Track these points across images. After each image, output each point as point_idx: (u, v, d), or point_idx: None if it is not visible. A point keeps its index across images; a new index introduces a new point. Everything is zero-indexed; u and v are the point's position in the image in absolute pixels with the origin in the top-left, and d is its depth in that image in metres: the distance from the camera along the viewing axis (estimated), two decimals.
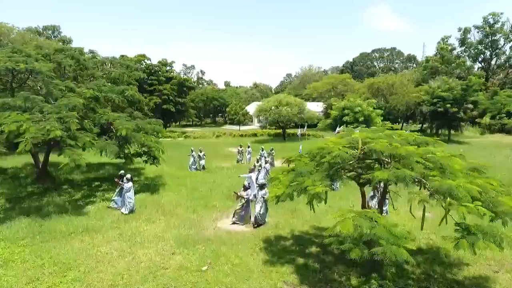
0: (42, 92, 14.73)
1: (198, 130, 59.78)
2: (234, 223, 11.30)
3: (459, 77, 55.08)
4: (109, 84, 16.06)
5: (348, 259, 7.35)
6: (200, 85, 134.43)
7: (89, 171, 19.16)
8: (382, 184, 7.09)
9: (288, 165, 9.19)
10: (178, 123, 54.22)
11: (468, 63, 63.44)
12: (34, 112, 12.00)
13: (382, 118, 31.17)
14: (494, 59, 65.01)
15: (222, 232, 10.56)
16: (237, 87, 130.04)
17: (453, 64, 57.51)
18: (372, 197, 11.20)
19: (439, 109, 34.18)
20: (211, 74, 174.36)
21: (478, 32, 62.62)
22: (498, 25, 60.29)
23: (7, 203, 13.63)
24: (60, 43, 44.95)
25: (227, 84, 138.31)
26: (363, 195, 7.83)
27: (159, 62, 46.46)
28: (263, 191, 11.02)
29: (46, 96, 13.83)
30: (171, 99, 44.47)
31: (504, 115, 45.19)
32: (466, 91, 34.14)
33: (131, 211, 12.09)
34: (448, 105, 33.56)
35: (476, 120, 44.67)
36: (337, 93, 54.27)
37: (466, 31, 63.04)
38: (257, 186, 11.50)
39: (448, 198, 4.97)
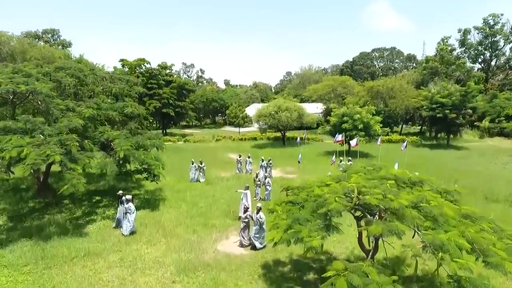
0: (42, 106, 14.82)
1: (198, 132, 59.89)
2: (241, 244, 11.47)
3: (459, 79, 55.10)
4: (109, 100, 16.16)
5: None
6: (200, 84, 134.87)
7: (89, 182, 19.31)
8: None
9: (287, 194, 9.30)
10: (177, 124, 54.22)
11: (468, 64, 63.39)
12: (34, 135, 12.13)
13: (381, 125, 31.21)
14: (494, 60, 64.97)
15: (222, 256, 10.72)
16: (237, 86, 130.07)
17: (452, 66, 57.45)
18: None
19: (438, 115, 34.27)
20: (210, 72, 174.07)
21: (478, 33, 62.46)
22: (498, 26, 60.14)
23: (9, 221, 13.80)
24: (60, 47, 44.95)
25: (226, 82, 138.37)
26: (360, 233, 7.97)
27: (159, 65, 46.38)
28: (259, 215, 11.15)
29: (46, 114, 13.94)
30: (170, 103, 44.47)
31: (503, 118, 45.23)
32: (465, 97, 34.21)
33: (132, 233, 12.25)
34: (447, 111, 33.65)
35: (475, 123, 44.77)
36: (337, 95, 54.34)
37: (466, 32, 62.90)
38: (255, 212, 11.57)
39: (440, 253, 5.12)
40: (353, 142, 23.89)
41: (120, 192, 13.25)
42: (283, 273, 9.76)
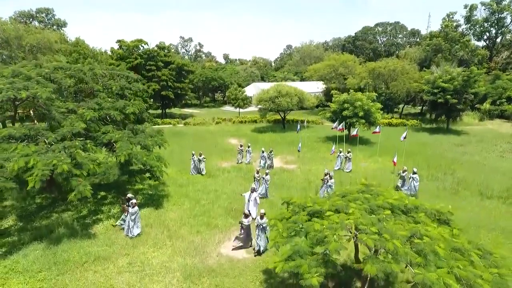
0: (44, 108, 14.81)
1: (198, 111, 59.79)
2: (236, 248, 11.99)
3: (462, 60, 54.19)
4: (109, 99, 16.15)
5: None
6: (199, 58, 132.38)
7: (93, 174, 19.65)
8: None
9: (287, 209, 9.64)
10: (177, 105, 53.86)
11: (473, 42, 62.07)
12: (38, 142, 12.33)
13: (382, 112, 31.19)
14: (500, 38, 63.60)
15: (225, 261, 11.27)
16: (236, 60, 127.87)
17: (456, 46, 56.31)
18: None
19: (439, 100, 34.14)
20: (209, 46, 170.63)
21: (484, 9, 60.75)
22: (505, 2, 58.35)
23: (18, 220, 14.30)
24: (55, 26, 43.76)
25: (225, 56, 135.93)
26: (356, 246, 8.40)
27: (157, 45, 45.42)
28: (262, 220, 11.57)
29: (48, 117, 14.03)
30: (169, 85, 44.03)
31: (505, 100, 45.09)
32: (467, 82, 33.89)
33: (138, 235, 12.77)
34: (448, 96, 33.48)
35: (475, 105, 44.62)
36: (338, 74, 53.69)
37: (472, 8, 61.12)
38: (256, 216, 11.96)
39: None
40: (353, 132, 24.05)
41: (129, 195, 13.59)
42: (283, 278, 10.33)
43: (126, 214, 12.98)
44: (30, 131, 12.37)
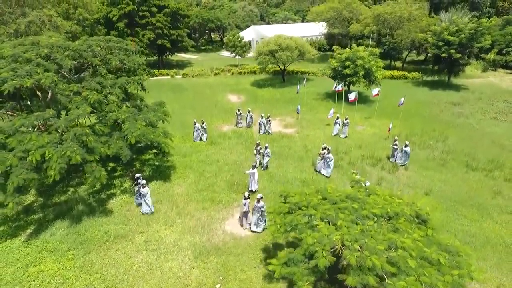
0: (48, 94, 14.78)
1: (195, 57, 58.14)
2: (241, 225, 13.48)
3: (474, 3, 50.99)
4: (110, 76, 16.18)
5: (330, 275, 9.79)
6: None
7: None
8: None
9: (285, 202, 10.74)
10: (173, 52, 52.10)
11: None
12: (50, 131, 12.93)
13: (382, 70, 30.77)
14: None
15: (229, 238, 12.78)
16: None
17: None
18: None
19: (443, 54, 33.37)
20: None
21: None
22: None
23: (38, 195, 15.59)
24: None
25: None
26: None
27: None
28: (259, 204, 12.76)
29: (53, 102, 14.36)
30: (165, 33, 42.24)
31: (511, 49, 43.84)
32: (474, 35, 32.69)
33: (151, 212, 14.14)
34: (452, 51, 32.64)
35: (480, 56, 43.52)
36: (342, 19, 51.10)
37: None
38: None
39: None
40: (351, 96, 24.28)
41: (138, 174, 14.63)
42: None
43: (137, 189, 14.16)
44: (40, 120, 12.85)
